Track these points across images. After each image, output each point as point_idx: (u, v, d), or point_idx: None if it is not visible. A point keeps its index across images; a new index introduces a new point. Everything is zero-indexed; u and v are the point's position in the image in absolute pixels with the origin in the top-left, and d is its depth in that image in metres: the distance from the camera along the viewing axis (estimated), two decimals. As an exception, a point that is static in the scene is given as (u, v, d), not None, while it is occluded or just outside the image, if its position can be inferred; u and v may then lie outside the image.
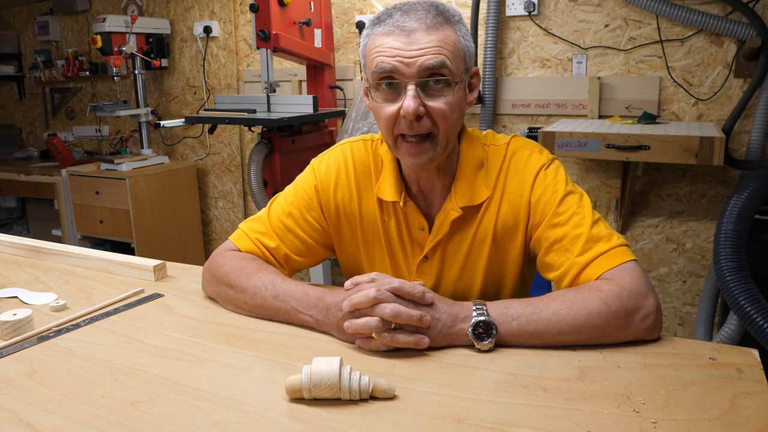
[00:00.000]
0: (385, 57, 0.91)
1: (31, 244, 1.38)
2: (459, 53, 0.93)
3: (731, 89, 2.22)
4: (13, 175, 3.53)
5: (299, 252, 1.10)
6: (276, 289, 0.97)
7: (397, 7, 0.94)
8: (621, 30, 2.35)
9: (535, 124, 2.57)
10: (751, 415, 0.68)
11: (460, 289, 1.08)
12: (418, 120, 0.93)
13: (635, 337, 0.87)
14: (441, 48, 0.90)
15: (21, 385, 0.80)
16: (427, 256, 1.07)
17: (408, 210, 1.05)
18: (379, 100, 0.96)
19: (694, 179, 2.34)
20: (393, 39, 0.91)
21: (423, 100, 0.92)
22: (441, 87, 0.92)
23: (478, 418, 0.69)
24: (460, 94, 0.95)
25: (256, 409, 0.73)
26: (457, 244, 1.05)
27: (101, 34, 2.97)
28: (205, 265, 1.10)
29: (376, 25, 0.95)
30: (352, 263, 1.15)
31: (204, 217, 3.57)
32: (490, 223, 1.03)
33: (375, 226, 1.10)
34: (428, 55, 0.90)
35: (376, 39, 0.94)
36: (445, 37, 0.91)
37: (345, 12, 2.89)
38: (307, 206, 1.10)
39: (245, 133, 3.34)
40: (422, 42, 0.90)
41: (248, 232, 1.10)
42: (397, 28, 0.91)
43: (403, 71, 0.91)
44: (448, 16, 0.93)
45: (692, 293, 2.44)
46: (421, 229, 1.06)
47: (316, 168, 1.12)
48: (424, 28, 0.91)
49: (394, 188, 1.05)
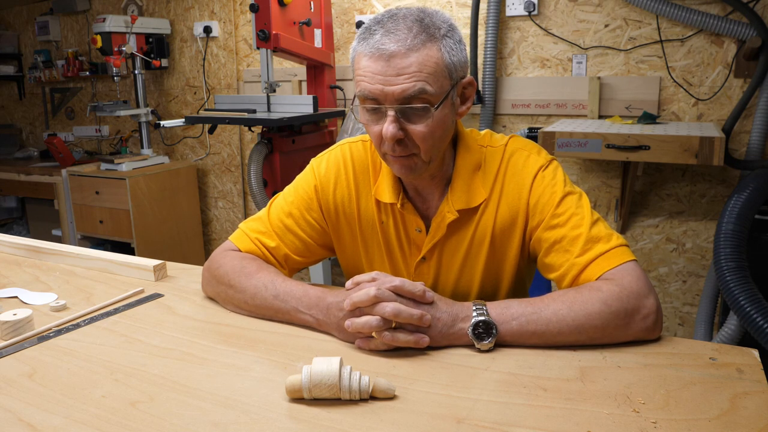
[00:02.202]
0: (366, 83, 0.92)
1: (31, 244, 1.38)
2: (442, 71, 0.91)
3: (731, 89, 2.22)
4: (13, 175, 3.53)
5: (299, 252, 1.11)
6: (276, 289, 0.97)
7: (382, 22, 0.92)
8: (621, 30, 2.35)
9: (535, 124, 2.57)
10: (751, 415, 0.68)
11: (459, 290, 1.08)
12: (399, 143, 0.94)
13: (635, 337, 0.87)
14: (419, 73, 0.89)
15: (21, 385, 0.80)
16: (425, 258, 1.07)
17: (405, 212, 1.05)
18: (365, 120, 0.97)
19: (694, 179, 2.34)
20: (373, 63, 0.90)
21: (403, 124, 0.93)
22: (421, 111, 0.92)
23: (478, 418, 0.69)
24: (444, 112, 0.94)
25: (256, 409, 0.73)
26: (455, 245, 1.05)
27: (101, 34, 2.97)
28: (205, 265, 1.10)
29: (361, 41, 0.93)
30: (352, 263, 1.15)
31: (204, 217, 3.57)
32: (488, 225, 1.03)
33: (373, 227, 1.10)
34: (406, 83, 0.89)
35: (360, 59, 0.93)
36: (425, 59, 0.89)
37: (345, 12, 2.89)
38: (307, 206, 1.11)
39: (245, 133, 3.34)
40: (400, 67, 0.89)
41: (248, 232, 1.10)
42: (377, 50, 0.90)
43: (382, 98, 0.91)
44: (432, 31, 0.90)
45: (692, 293, 2.44)
46: (419, 230, 1.06)
47: (316, 168, 1.13)
48: (404, 50, 0.89)
49: (391, 190, 1.05)
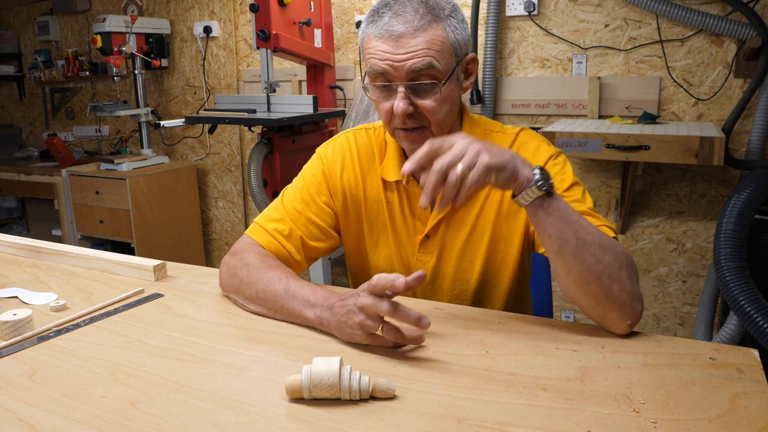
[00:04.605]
0: (376, 60, 0.97)
1: (31, 244, 1.38)
2: (448, 49, 0.97)
3: (731, 89, 2.22)
4: (13, 175, 3.53)
5: (313, 236, 1.13)
6: (288, 283, 0.98)
7: (390, 4, 0.97)
8: (621, 30, 2.35)
9: (535, 124, 2.57)
10: (751, 415, 0.68)
11: (461, 269, 1.11)
12: (410, 117, 0.99)
13: (621, 311, 0.86)
14: (428, 50, 0.94)
15: (21, 385, 0.80)
16: (429, 235, 1.10)
17: (411, 188, 1.10)
18: (376, 97, 1.02)
19: (694, 179, 2.34)
20: (383, 43, 0.96)
21: (413, 99, 0.98)
22: (429, 87, 0.97)
23: (478, 418, 0.69)
24: (450, 87, 0.99)
25: (256, 409, 0.73)
26: (460, 223, 1.08)
27: (101, 34, 2.97)
28: (224, 259, 1.11)
29: (370, 23, 0.99)
30: (355, 247, 1.18)
31: (204, 217, 3.57)
32: (493, 204, 1.07)
33: (379, 208, 1.14)
34: (415, 58, 0.94)
35: (370, 40, 0.98)
36: (432, 38, 0.95)
37: (345, 12, 2.89)
38: (317, 190, 1.15)
39: (245, 133, 3.34)
40: (410, 46, 0.94)
41: (263, 224, 1.13)
42: (386, 32, 0.95)
43: (393, 74, 0.97)
44: (437, 12, 0.96)
45: (692, 293, 2.44)
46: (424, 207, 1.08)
47: (322, 154, 1.18)
48: (412, 31, 0.94)
49: (397, 168, 1.10)
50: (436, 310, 1.00)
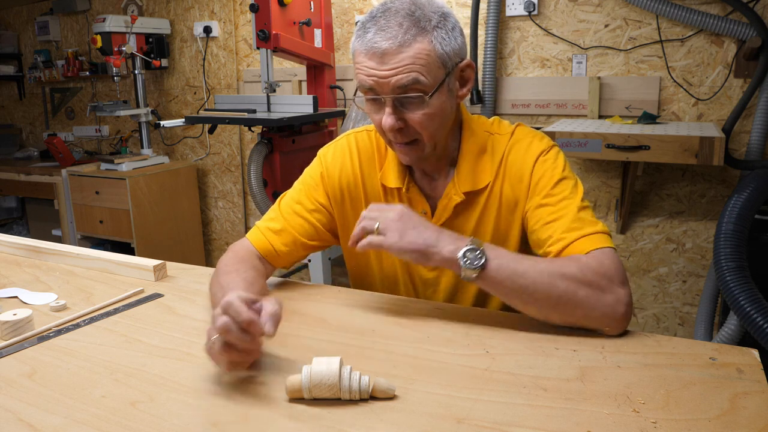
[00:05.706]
0: (363, 76, 0.97)
1: (31, 244, 1.38)
2: (435, 62, 0.95)
3: (731, 89, 2.22)
4: (13, 175, 3.53)
5: (308, 234, 1.14)
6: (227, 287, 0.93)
7: (375, 18, 0.95)
8: (621, 30, 2.35)
9: (535, 124, 2.57)
10: (751, 415, 0.68)
11: None
12: (400, 132, 0.99)
13: (600, 323, 0.88)
14: (412, 65, 0.93)
15: (21, 385, 0.80)
16: None
17: (411, 195, 1.10)
18: (368, 109, 1.02)
19: (694, 179, 2.34)
20: (368, 59, 0.95)
21: (401, 113, 0.97)
22: (417, 100, 0.96)
23: (478, 418, 0.69)
24: (441, 99, 0.98)
25: (256, 409, 0.73)
26: (460, 228, 1.08)
27: (101, 34, 2.97)
28: None
29: (357, 38, 0.98)
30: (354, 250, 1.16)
31: (204, 217, 3.57)
32: (493, 207, 1.07)
33: None
34: (401, 74, 0.93)
35: (357, 55, 0.98)
36: (417, 52, 0.93)
37: (345, 12, 2.89)
38: (314, 191, 1.16)
39: (245, 133, 3.34)
40: (394, 62, 0.93)
41: (259, 224, 1.15)
42: (371, 48, 0.94)
43: (379, 90, 0.96)
44: (423, 23, 0.93)
45: (692, 293, 2.44)
46: (425, 213, 1.09)
47: (323, 157, 1.18)
48: (396, 46, 0.92)
49: (397, 175, 1.09)
50: (436, 310, 1.01)
